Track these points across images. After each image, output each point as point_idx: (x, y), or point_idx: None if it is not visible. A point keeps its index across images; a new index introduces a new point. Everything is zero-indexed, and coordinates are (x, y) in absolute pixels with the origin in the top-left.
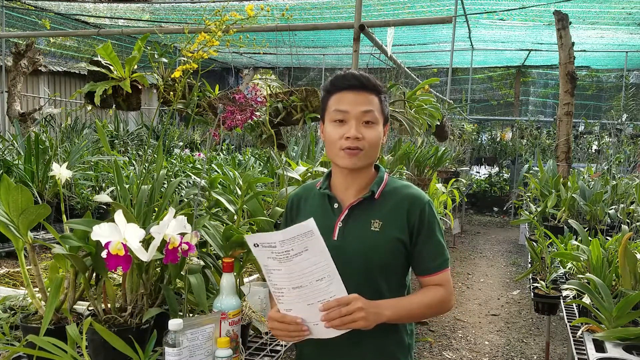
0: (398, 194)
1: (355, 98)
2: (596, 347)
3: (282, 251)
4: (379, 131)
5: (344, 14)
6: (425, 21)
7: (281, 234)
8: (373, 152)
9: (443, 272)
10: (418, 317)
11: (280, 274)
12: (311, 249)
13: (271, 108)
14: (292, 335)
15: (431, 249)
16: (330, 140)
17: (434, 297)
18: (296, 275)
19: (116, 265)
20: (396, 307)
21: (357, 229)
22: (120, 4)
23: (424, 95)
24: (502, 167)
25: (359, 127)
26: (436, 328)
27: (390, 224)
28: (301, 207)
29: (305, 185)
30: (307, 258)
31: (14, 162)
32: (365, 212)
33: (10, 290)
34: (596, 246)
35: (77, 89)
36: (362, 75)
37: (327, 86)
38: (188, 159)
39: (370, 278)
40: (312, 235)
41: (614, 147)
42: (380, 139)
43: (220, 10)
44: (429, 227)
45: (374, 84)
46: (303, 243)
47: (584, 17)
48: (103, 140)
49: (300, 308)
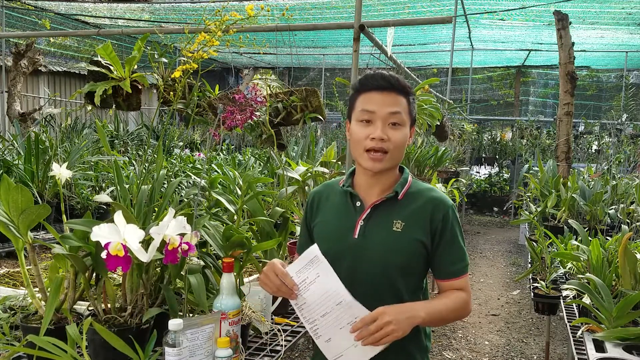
0: (422, 197)
1: (383, 99)
2: (596, 347)
3: (300, 282)
4: (405, 133)
5: (344, 14)
6: (425, 21)
7: (293, 265)
8: (398, 154)
9: (463, 277)
10: (445, 321)
11: (307, 305)
12: (322, 274)
13: (271, 108)
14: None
15: (453, 254)
16: (355, 140)
17: (456, 301)
18: (319, 303)
19: (116, 266)
20: (428, 309)
21: (379, 228)
22: (120, 4)
23: (424, 95)
24: (502, 167)
25: (385, 128)
26: (436, 328)
27: (412, 225)
28: (322, 204)
29: (327, 183)
30: (322, 284)
31: (14, 162)
32: (387, 212)
33: (10, 290)
34: (596, 246)
35: (77, 89)
36: (391, 75)
37: (356, 85)
38: (188, 159)
39: (389, 278)
40: (318, 261)
41: (614, 147)
42: (405, 141)
43: (220, 10)
44: (451, 232)
45: (403, 85)
46: (314, 270)
47: (584, 17)
48: (103, 140)
49: (337, 333)
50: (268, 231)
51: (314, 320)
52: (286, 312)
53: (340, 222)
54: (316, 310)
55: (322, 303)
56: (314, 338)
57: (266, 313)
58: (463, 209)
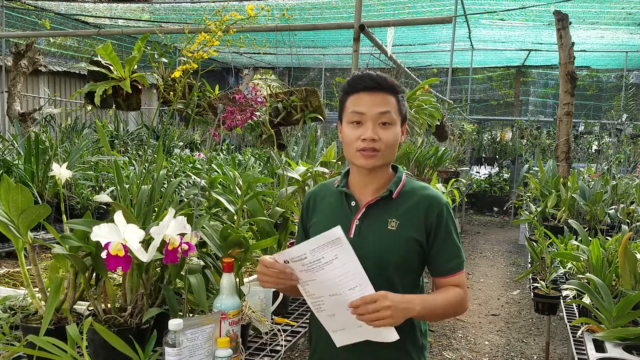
0: (416, 195)
1: (372, 99)
2: (596, 347)
3: (313, 260)
4: (396, 132)
5: (344, 14)
6: (425, 21)
7: (310, 243)
8: (389, 152)
9: (459, 273)
10: (440, 316)
11: (316, 283)
12: (340, 256)
13: (271, 108)
14: (279, 282)
15: (448, 251)
16: (347, 142)
17: (454, 297)
18: (331, 283)
19: (116, 266)
20: (425, 303)
21: (374, 227)
22: (120, 4)
23: (424, 95)
24: (502, 167)
25: (376, 128)
26: (436, 328)
27: (407, 224)
28: (317, 204)
29: (323, 183)
30: (338, 266)
31: (14, 162)
32: (382, 211)
33: (10, 290)
34: (596, 246)
35: (77, 89)
36: (379, 75)
37: (345, 87)
38: (188, 159)
39: (385, 276)
40: (339, 243)
41: (614, 147)
42: (397, 139)
43: (220, 10)
44: (446, 229)
45: (391, 84)
46: (332, 251)
47: (584, 17)
48: (103, 140)
49: (342, 312)
50: (268, 231)
51: (319, 297)
52: (286, 312)
53: (335, 221)
54: (326, 289)
55: (335, 284)
56: (315, 311)
57: (266, 313)
58: (463, 209)
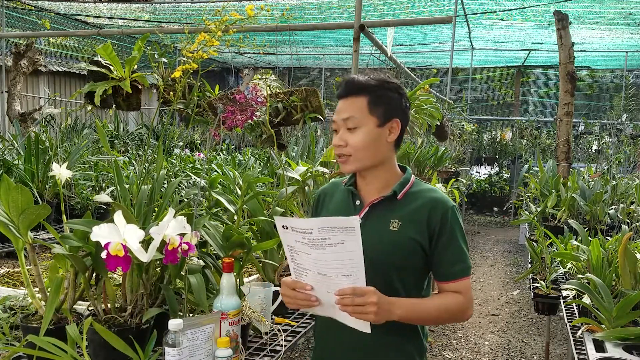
0: (422, 197)
1: (341, 106)
2: (596, 347)
3: (318, 238)
4: (365, 132)
5: (344, 14)
6: (425, 21)
7: (321, 221)
8: (362, 154)
9: (462, 279)
10: (432, 321)
11: (309, 258)
12: (347, 244)
13: (271, 108)
14: (299, 304)
15: (451, 255)
16: None
17: (450, 304)
18: (324, 263)
19: (116, 266)
20: (410, 307)
21: (376, 226)
22: (120, 4)
23: (424, 95)
24: (502, 167)
25: (344, 134)
26: (436, 328)
27: (408, 225)
28: (327, 201)
29: (334, 181)
30: (340, 252)
31: (14, 162)
32: (385, 211)
33: (10, 290)
34: (596, 246)
35: (77, 89)
36: (351, 79)
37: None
38: (188, 159)
39: (385, 276)
40: (352, 232)
41: (614, 147)
42: (369, 140)
43: (220, 10)
44: (450, 233)
45: (359, 86)
46: (341, 236)
47: (584, 17)
48: (103, 140)
49: (321, 290)
50: (268, 231)
51: (306, 269)
52: (286, 312)
53: None
54: (316, 266)
55: (327, 265)
56: (293, 276)
57: (266, 313)
58: (463, 209)
